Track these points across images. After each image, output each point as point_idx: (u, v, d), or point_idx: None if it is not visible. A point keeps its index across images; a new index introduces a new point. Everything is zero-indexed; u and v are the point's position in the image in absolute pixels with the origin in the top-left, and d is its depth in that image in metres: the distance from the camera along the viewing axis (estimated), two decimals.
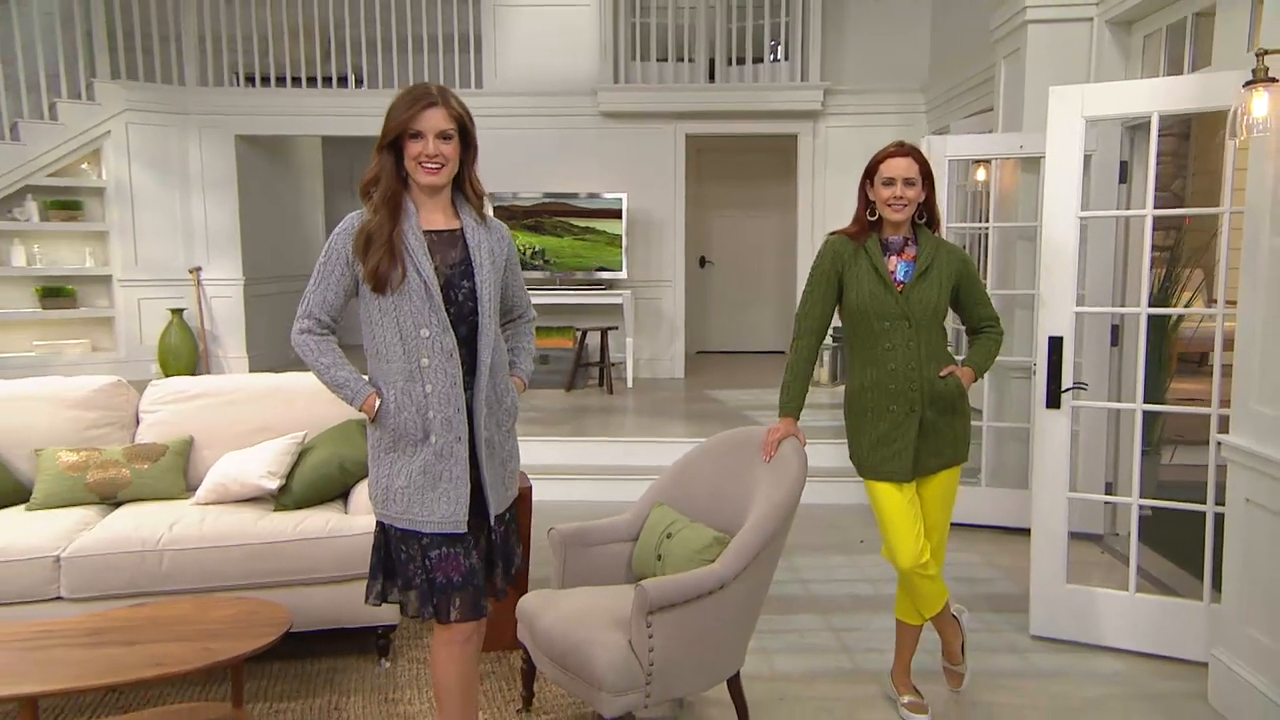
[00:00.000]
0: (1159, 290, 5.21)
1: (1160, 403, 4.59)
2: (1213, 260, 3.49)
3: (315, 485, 3.50)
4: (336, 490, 3.57)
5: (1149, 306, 3.52)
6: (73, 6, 7.87)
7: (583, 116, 8.34)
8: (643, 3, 8.41)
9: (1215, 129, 3.14)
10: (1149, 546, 4.28)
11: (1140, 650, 3.48)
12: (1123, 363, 4.60)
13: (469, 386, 2.34)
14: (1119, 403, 4.49)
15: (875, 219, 2.92)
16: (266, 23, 8.31)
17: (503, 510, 2.46)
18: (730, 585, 2.68)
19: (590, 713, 2.99)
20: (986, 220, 5.55)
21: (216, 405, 3.86)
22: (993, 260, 5.18)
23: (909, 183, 2.84)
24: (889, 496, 2.91)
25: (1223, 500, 3.14)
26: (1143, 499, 3.57)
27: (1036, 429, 3.63)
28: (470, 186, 2.39)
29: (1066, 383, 3.54)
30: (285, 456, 3.54)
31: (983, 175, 5.82)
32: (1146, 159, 3.70)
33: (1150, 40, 4.65)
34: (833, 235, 3.00)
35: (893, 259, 2.90)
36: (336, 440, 3.61)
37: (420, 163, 2.27)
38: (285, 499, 3.48)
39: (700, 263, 10.22)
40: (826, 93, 8.20)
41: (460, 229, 2.38)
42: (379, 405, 2.32)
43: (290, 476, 3.51)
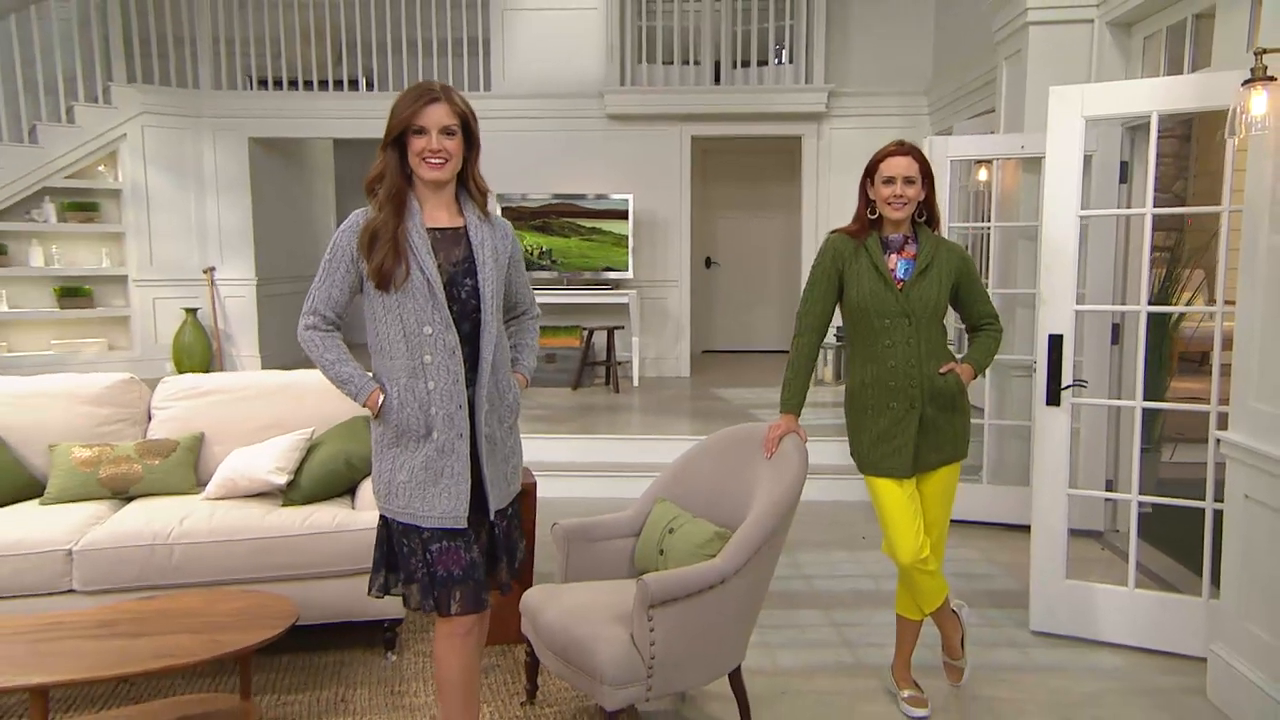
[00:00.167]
0: (1159, 290, 5.18)
1: (1161, 401, 4.56)
2: (1213, 260, 3.46)
3: (323, 481, 3.50)
4: (343, 486, 3.57)
5: (1149, 305, 3.50)
6: (90, 12, 7.89)
7: (589, 118, 8.33)
8: (649, 6, 8.40)
9: (1216, 130, 3.11)
10: (1149, 543, 4.25)
11: (1139, 646, 3.45)
12: (1123, 361, 4.58)
13: (471, 383, 2.33)
14: (1119, 400, 4.46)
15: (876, 217, 2.90)
16: (279, 27, 8.32)
17: (504, 505, 2.45)
18: (731, 580, 2.66)
19: (593, 706, 2.98)
20: (988, 220, 5.53)
21: (227, 402, 3.86)
22: (994, 260, 5.16)
23: (909, 181, 2.82)
24: (889, 492, 2.89)
25: (1222, 497, 3.12)
26: (1142, 496, 3.55)
27: (1037, 426, 3.60)
28: (474, 184, 2.39)
29: (1066, 380, 3.52)
30: (293, 452, 3.53)
31: (984, 175, 5.79)
32: (1147, 159, 3.67)
33: (1150, 41, 4.62)
34: (833, 233, 2.99)
35: (893, 257, 2.89)
36: (344, 436, 3.61)
37: (424, 158, 2.26)
38: (293, 494, 3.48)
39: (706, 263, 10.20)
40: (830, 95, 8.17)
41: (464, 227, 2.37)
42: (382, 401, 2.32)
43: (298, 472, 3.51)
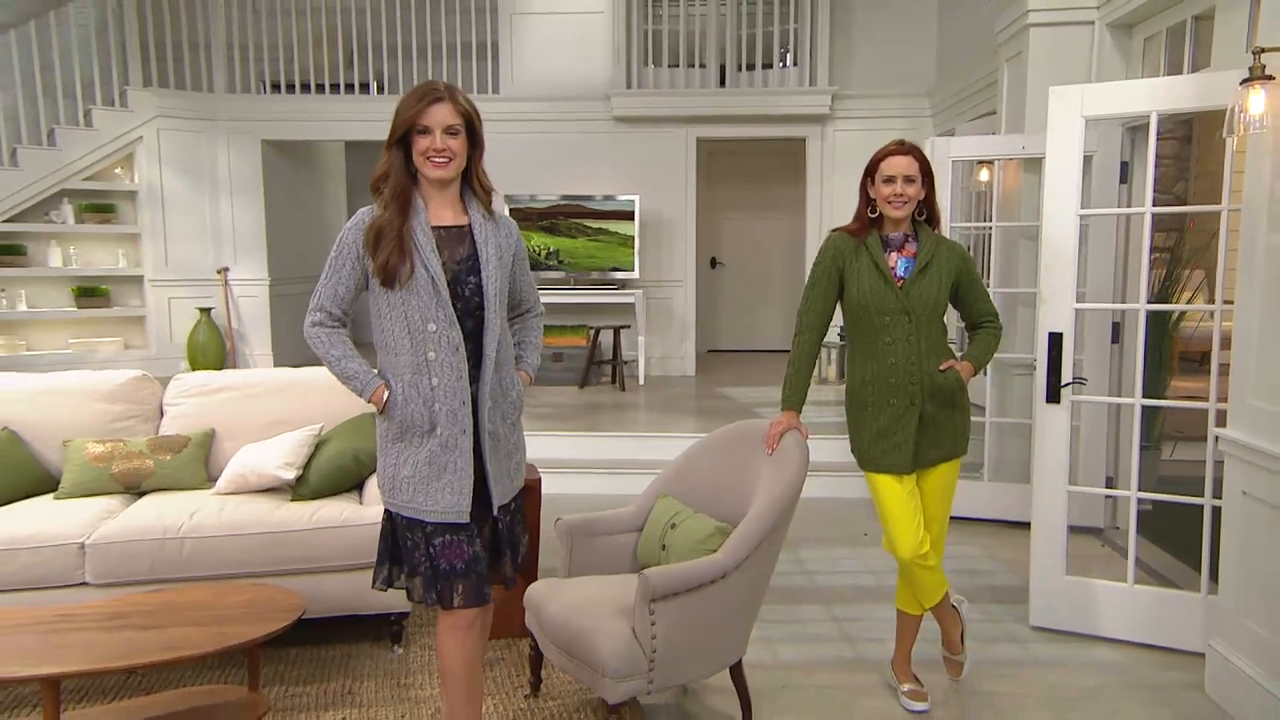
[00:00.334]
0: (1160, 290, 5.15)
1: (1161, 399, 4.53)
2: (1213, 261, 3.43)
3: (331, 476, 3.50)
4: (351, 481, 3.56)
5: (1148, 304, 3.47)
6: (107, 18, 7.93)
7: (596, 121, 8.32)
8: (655, 10, 8.39)
9: (1216, 132, 3.08)
10: (1149, 540, 4.22)
11: (1138, 641, 3.43)
12: (1123, 360, 4.54)
13: (475, 380, 2.33)
14: (1118, 398, 4.43)
15: (876, 216, 2.89)
16: (292, 32, 8.34)
17: (507, 501, 2.44)
18: (732, 574, 2.65)
19: (595, 699, 2.97)
20: (990, 220, 5.51)
21: (237, 399, 3.86)
22: (996, 259, 5.13)
23: (909, 180, 2.81)
24: (889, 488, 2.88)
25: (1221, 494, 3.09)
26: (1142, 493, 3.52)
27: (1037, 423, 3.58)
28: (478, 182, 2.38)
29: (1066, 378, 3.50)
30: (302, 448, 3.53)
31: (986, 176, 5.76)
32: (1146, 159, 3.64)
33: (1150, 43, 4.59)
34: (834, 232, 2.98)
35: (893, 255, 2.87)
36: (351, 433, 3.61)
37: (428, 157, 2.26)
38: (302, 489, 3.47)
39: (711, 264, 10.19)
40: (834, 97, 8.14)
41: (468, 225, 2.36)
42: (387, 397, 2.31)
43: (307, 468, 3.51)
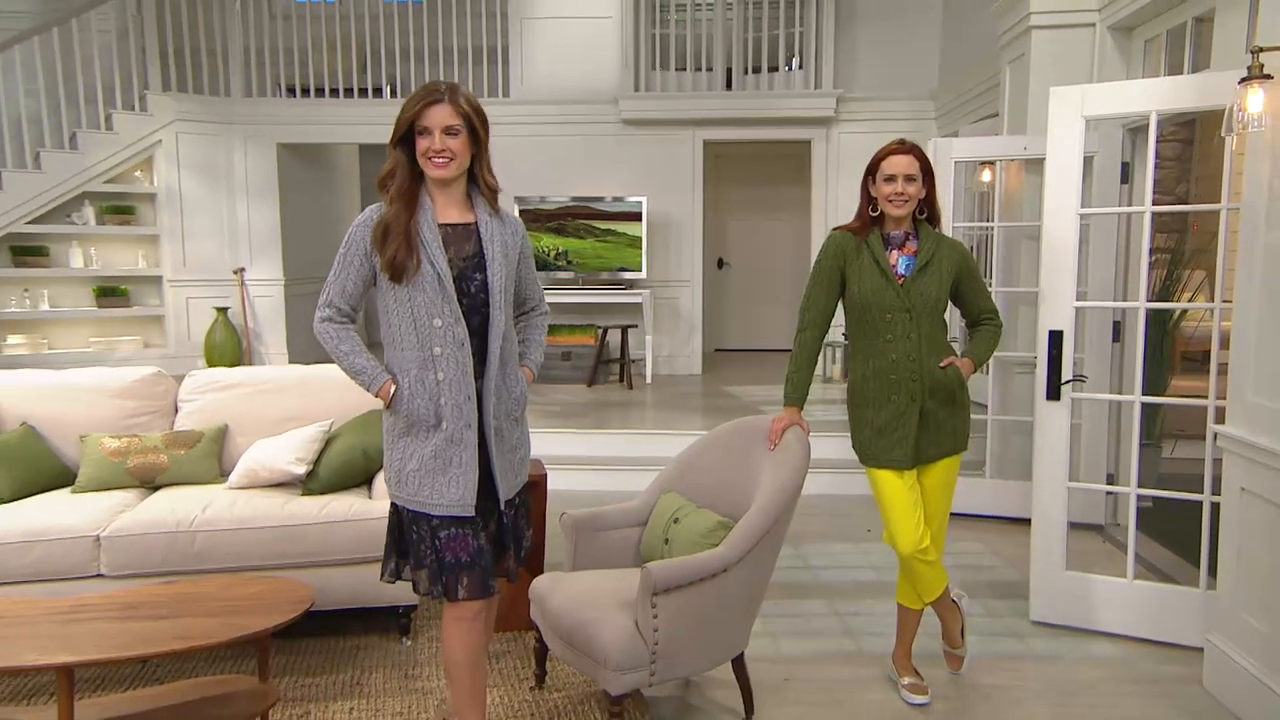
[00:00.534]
0: (1160, 290, 5.11)
1: (1161, 397, 4.49)
2: (1214, 262, 3.40)
3: (340, 471, 3.50)
4: (360, 476, 3.56)
5: (1147, 302, 3.44)
6: (128, 25, 7.95)
7: (605, 124, 8.30)
8: (662, 15, 8.36)
9: (1217, 134, 3.05)
10: (1150, 537, 4.18)
11: (1137, 636, 3.40)
12: (1124, 358, 4.51)
13: (480, 375, 2.32)
14: (1118, 395, 4.39)
15: (877, 214, 2.87)
16: (307, 38, 8.35)
17: (512, 495, 2.43)
18: (733, 568, 2.63)
19: (599, 691, 2.96)
20: (992, 221, 5.47)
21: (250, 395, 3.86)
22: (998, 259, 5.10)
23: (910, 179, 2.79)
24: (890, 484, 2.86)
25: (1220, 490, 3.05)
26: (1141, 489, 3.49)
27: (1038, 420, 3.55)
28: (483, 181, 2.37)
29: (1066, 376, 3.47)
30: (312, 444, 3.53)
31: (988, 177, 5.73)
32: (1147, 158, 3.61)
33: (1151, 45, 4.56)
34: (836, 230, 2.96)
35: (894, 253, 2.85)
36: (361, 429, 3.60)
37: (429, 157, 2.26)
38: (312, 484, 3.48)
39: (718, 264, 10.16)
40: (839, 100, 8.10)
41: (475, 223, 2.36)
42: (394, 391, 2.31)
43: (317, 463, 3.51)
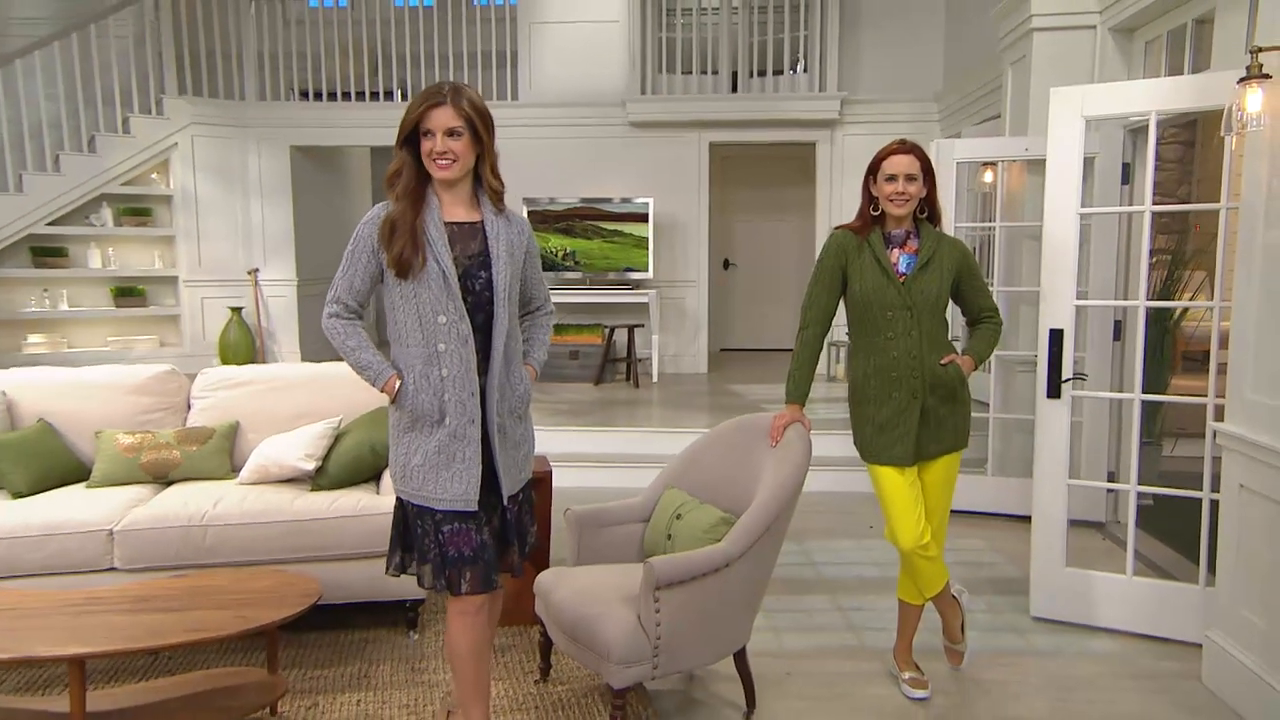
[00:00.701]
0: (1161, 290, 5.07)
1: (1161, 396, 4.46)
2: (1214, 262, 3.37)
3: (349, 467, 3.50)
4: (368, 472, 3.56)
5: (1146, 300, 3.41)
6: (145, 30, 7.99)
7: (612, 126, 8.29)
8: (669, 19, 8.35)
9: (1218, 136, 3.03)
10: (1151, 535, 4.15)
11: (1137, 632, 3.37)
12: (1124, 357, 4.48)
13: (484, 372, 2.32)
14: (1118, 393, 4.36)
15: (879, 214, 2.85)
16: (319, 42, 8.38)
17: (515, 491, 2.42)
18: (735, 563, 2.62)
19: (603, 684, 2.95)
20: (994, 221, 5.44)
21: (261, 392, 3.86)
22: (999, 259, 5.07)
23: (910, 178, 2.78)
24: (891, 480, 2.84)
25: (1219, 487, 3.03)
26: (1141, 486, 3.46)
27: (1038, 418, 3.53)
28: (489, 180, 2.36)
29: (1066, 373, 3.45)
30: (322, 440, 3.53)
31: (990, 178, 5.70)
32: (1147, 158, 3.58)
33: (1152, 46, 4.52)
34: (838, 229, 2.94)
35: (895, 251, 2.84)
36: (369, 425, 3.60)
37: (432, 159, 2.25)
38: (321, 480, 3.48)
39: (724, 265, 10.15)
40: (843, 102, 8.08)
41: (480, 221, 2.35)
42: (399, 387, 2.30)
43: (326, 459, 3.51)
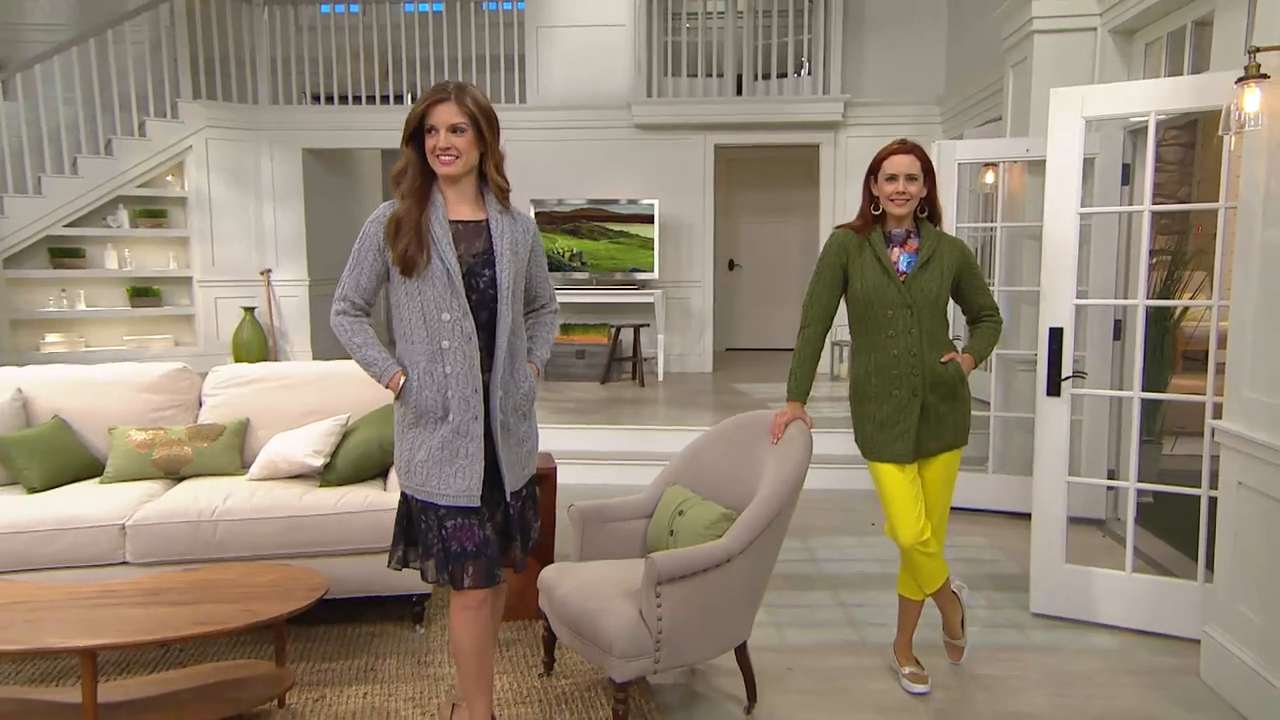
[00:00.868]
0: (1161, 290, 5.04)
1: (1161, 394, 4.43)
2: (1214, 262, 3.34)
3: (357, 463, 3.50)
4: (376, 468, 3.56)
5: (1146, 299, 3.39)
6: (161, 36, 8.02)
7: (619, 129, 8.28)
8: (674, 22, 8.34)
9: (1217, 137, 3.00)
10: (1150, 532, 4.12)
11: (1136, 628, 3.35)
12: (1125, 356, 4.45)
13: (487, 369, 2.31)
14: (1118, 391, 4.33)
15: (879, 213, 2.84)
16: (331, 47, 8.39)
17: (519, 487, 2.42)
18: (736, 559, 2.61)
19: (605, 678, 2.94)
20: (995, 221, 5.41)
21: (271, 390, 3.87)
22: (1000, 259, 5.05)
23: (911, 178, 2.76)
24: (891, 477, 2.83)
25: (1217, 484, 3.00)
26: (1140, 483, 3.44)
27: (1038, 416, 3.50)
28: (494, 179, 2.36)
29: (1066, 371, 3.43)
30: (330, 437, 3.53)
31: (991, 179, 5.67)
32: (1147, 159, 3.56)
33: (1152, 48, 4.49)
34: (839, 229, 2.93)
35: (895, 250, 2.83)
36: (377, 422, 3.60)
37: (436, 155, 2.25)
38: (329, 476, 3.48)
39: (729, 265, 10.13)
40: (847, 105, 8.05)
41: (485, 220, 2.34)
42: (403, 383, 2.30)
43: (334, 455, 3.51)
